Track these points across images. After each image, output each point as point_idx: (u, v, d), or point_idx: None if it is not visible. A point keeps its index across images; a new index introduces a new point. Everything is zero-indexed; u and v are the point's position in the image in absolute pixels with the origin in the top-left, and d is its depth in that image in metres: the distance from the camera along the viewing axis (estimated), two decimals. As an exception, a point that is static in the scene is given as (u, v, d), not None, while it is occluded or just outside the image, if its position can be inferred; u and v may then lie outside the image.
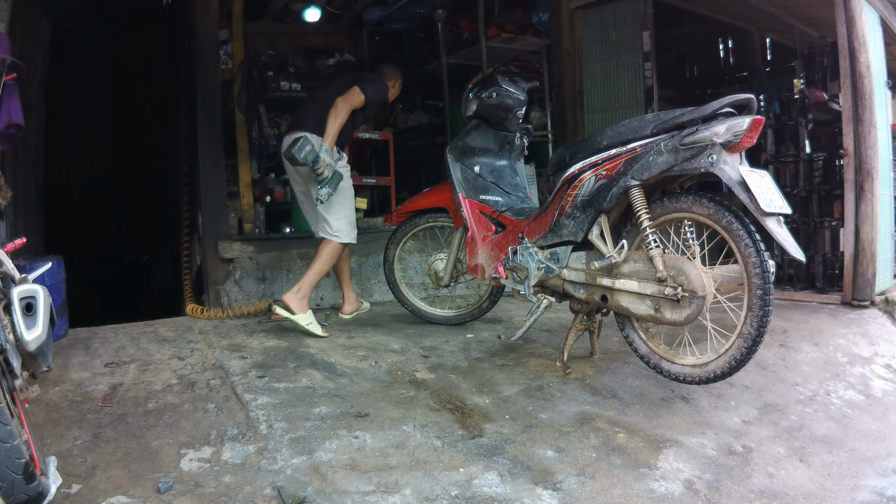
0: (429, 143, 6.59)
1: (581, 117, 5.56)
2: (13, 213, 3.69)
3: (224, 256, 4.36)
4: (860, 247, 4.04)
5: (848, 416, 2.70)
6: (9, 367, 1.67)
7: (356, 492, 1.91)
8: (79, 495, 1.86)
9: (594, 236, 2.71)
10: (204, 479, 1.96)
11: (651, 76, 5.12)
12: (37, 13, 4.47)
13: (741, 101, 2.38)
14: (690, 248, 2.48)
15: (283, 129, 5.42)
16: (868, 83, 3.98)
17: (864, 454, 2.39)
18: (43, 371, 1.95)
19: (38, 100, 4.76)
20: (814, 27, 5.61)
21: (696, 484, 2.08)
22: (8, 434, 1.45)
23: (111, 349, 3.18)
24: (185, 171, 5.33)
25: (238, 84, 4.83)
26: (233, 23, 4.87)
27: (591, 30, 5.51)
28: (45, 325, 1.76)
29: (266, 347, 3.28)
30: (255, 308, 4.02)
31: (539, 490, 1.97)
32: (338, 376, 2.86)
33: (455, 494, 1.91)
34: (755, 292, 2.24)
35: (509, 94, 3.24)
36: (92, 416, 2.39)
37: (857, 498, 2.10)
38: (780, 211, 2.26)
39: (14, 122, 2.90)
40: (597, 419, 2.47)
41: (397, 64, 4.50)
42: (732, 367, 2.34)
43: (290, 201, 5.10)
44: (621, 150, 2.59)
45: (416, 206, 3.69)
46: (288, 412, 2.43)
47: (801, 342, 3.43)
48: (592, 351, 3.11)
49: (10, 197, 3.14)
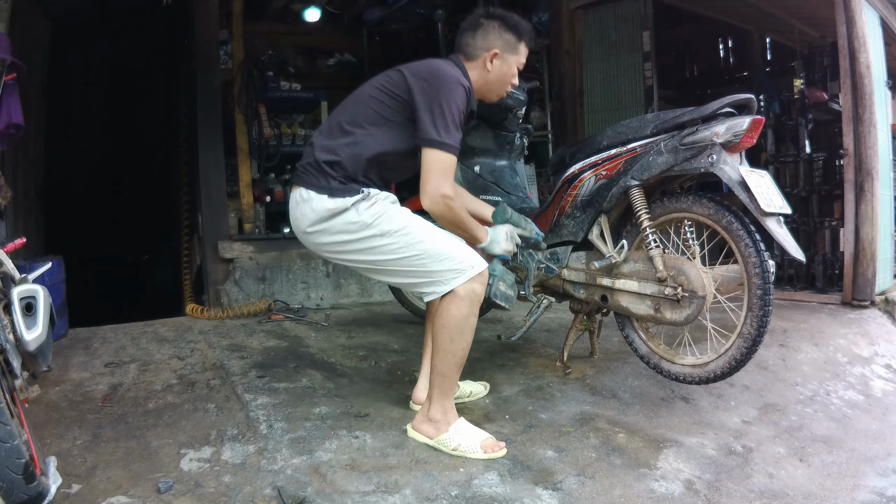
0: (429, 143, 6.58)
1: (581, 117, 5.57)
2: (13, 213, 3.69)
3: (224, 256, 4.36)
4: (860, 247, 4.04)
5: (848, 416, 2.70)
6: (9, 367, 1.67)
7: (356, 492, 1.91)
8: (79, 495, 1.86)
9: (594, 236, 2.71)
10: (204, 479, 1.95)
11: (651, 76, 5.12)
12: (37, 13, 4.47)
13: (741, 101, 2.38)
14: (690, 248, 2.48)
15: (290, 132, 5.43)
16: (868, 83, 3.98)
17: (864, 454, 2.39)
18: (43, 371, 1.95)
19: (38, 100, 4.76)
20: (814, 27, 5.61)
21: (696, 484, 2.08)
22: (8, 434, 1.45)
23: (111, 349, 3.18)
24: (185, 171, 5.34)
25: (238, 84, 4.83)
26: (233, 23, 4.87)
27: (592, 30, 5.51)
28: (45, 325, 1.75)
29: (266, 347, 3.28)
30: (255, 308, 4.03)
31: (539, 490, 1.97)
32: (338, 376, 2.86)
33: (455, 494, 1.91)
34: (755, 292, 2.24)
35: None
36: (92, 416, 2.39)
37: (857, 498, 2.10)
38: (780, 211, 2.26)
39: (14, 122, 2.90)
40: (597, 419, 2.47)
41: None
42: (732, 367, 2.34)
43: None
44: (621, 150, 2.59)
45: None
46: (288, 412, 2.43)
47: (801, 342, 3.43)
48: (592, 351, 3.11)
49: (10, 197, 3.14)
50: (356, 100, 2.27)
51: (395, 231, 2.13)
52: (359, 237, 2.14)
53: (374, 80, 2.27)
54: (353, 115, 2.22)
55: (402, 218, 2.17)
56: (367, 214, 2.12)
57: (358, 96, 2.28)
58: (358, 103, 2.25)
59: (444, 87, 2.12)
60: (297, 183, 2.24)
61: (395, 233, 2.13)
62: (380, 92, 2.21)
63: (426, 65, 2.22)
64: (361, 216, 2.12)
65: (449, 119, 2.10)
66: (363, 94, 2.26)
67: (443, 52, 5.68)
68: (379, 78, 2.27)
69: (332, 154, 2.17)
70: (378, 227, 2.12)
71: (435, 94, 2.11)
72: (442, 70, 2.17)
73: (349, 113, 2.24)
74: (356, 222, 2.12)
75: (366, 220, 2.12)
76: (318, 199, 2.14)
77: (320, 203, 2.14)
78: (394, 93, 2.19)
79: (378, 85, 2.23)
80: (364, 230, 2.13)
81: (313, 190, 2.16)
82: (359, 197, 2.13)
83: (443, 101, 2.10)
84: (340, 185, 2.14)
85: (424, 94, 2.12)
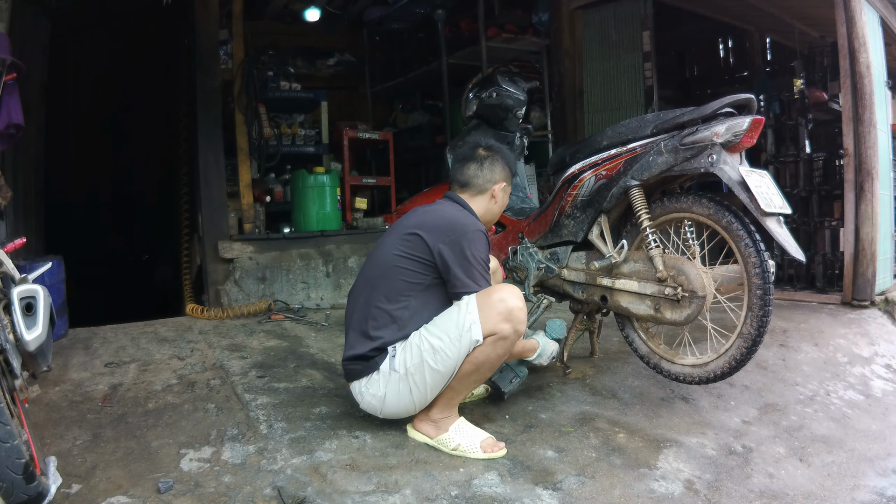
0: (429, 143, 6.60)
1: (581, 117, 5.57)
2: (13, 213, 3.69)
3: (224, 256, 4.36)
4: (860, 247, 4.04)
5: (848, 416, 2.70)
6: (9, 367, 1.67)
7: (356, 492, 1.91)
8: (79, 495, 1.86)
9: (594, 236, 2.71)
10: (204, 479, 1.95)
11: (651, 76, 5.12)
12: (37, 13, 4.47)
13: (741, 101, 2.38)
14: (690, 248, 2.48)
15: (290, 131, 5.43)
16: (868, 83, 3.98)
17: (864, 454, 2.39)
18: (43, 371, 1.95)
19: (38, 100, 4.76)
20: (814, 27, 5.61)
21: (696, 484, 2.08)
22: (8, 434, 1.45)
23: (111, 349, 3.18)
24: (185, 171, 5.33)
25: (238, 84, 4.83)
26: (233, 23, 4.87)
27: (591, 30, 5.51)
28: (45, 325, 1.76)
29: (266, 347, 3.28)
30: (255, 308, 4.03)
31: (539, 490, 1.97)
32: (338, 376, 2.86)
33: (455, 494, 1.91)
34: (755, 292, 2.24)
35: (509, 94, 3.25)
36: (92, 416, 2.39)
37: (857, 498, 2.10)
38: (780, 211, 2.26)
39: (14, 122, 2.90)
40: (597, 419, 2.47)
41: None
42: (732, 367, 2.34)
43: (289, 201, 5.11)
44: (621, 150, 2.59)
45: (416, 206, 3.69)
46: (288, 412, 2.43)
47: (801, 342, 3.43)
48: (592, 351, 3.11)
49: (10, 197, 3.14)
50: (382, 275, 2.22)
51: (414, 364, 2.15)
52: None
53: (391, 246, 2.23)
54: (387, 291, 2.20)
55: (414, 353, 2.16)
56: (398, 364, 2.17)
57: (383, 271, 2.23)
58: (385, 278, 2.21)
59: (466, 238, 2.16)
60: (351, 379, 2.26)
61: (415, 365, 2.15)
62: (404, 259, 2.20)
63: (438, 219, 2.23)
64: (395, 368, 2.17)
65: (478, 270, 2.16)
66: (386, 265, 2.22)
67: (443, 52, 5.72)
68: (395, 243, 2.23)
69: (379, 340, 2.18)
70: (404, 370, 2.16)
71: (460, 248, 2.15)
72: (458, 221, 2.22)
73: (381, 292, 2.20)
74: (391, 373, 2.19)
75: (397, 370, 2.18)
76: (374, 382, 2.20)
77: (373, 385, 2.21)
78: (418, 257, 2.19)
79: (399, 252, 2.21)
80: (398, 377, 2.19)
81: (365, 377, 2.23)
82: (389, 357, 2.19)
83: (468, 253, 2.15)
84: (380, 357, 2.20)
85: (451, 249, 2.15)
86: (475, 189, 2.39)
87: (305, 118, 5.85)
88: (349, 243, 4.80)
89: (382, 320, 2.18)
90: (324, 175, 4.85)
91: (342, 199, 5.06)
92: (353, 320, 2.26)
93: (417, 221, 2.25)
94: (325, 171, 4.97)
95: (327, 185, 4.80)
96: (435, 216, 2.26)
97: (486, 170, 2.39)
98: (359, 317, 2.24)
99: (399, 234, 2.25)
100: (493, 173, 2.40)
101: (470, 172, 2.40)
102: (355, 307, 2.27)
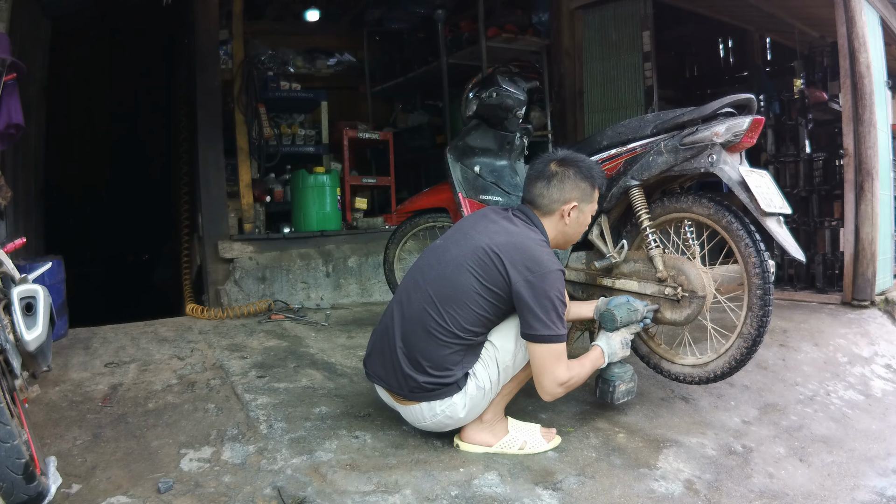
0: (429, 143, 6.60)
1: (581, 117, 5.57)
2: (13, 213, 3.69)
3: (224, 256, 4.36)
4: (860, 247, 4.04)
5: (848, 416, 2.70)
6: (9, 367, 1.67)
7: (356, 492, 1.91)
8: (79, 495, 1.86)
9: (594, 236, 2.71)
10: (204, 479, 1.95)
11: (651, 76, 5.12)
12: (37, 13, 4.47)
13: (741, 101, 2.38)
14: (690, 248, 2.48)
15: (290, 131, 5.43)
16: (868, 83, 3.98)
17: (864, 454, 2.39)
18: (43, 371, 1.95)
19: (38, 100, 4.76)
20: (814, 27, 5.61)
21: (696, 484, 2.08)
22: (8, 434, 1.45)
23: (111, 349, 3.19)
24: (185, 171, 5.34)
25: (238, 84, 4.83)
26: (233, 23, 4.88)
27: (591, 30, 5.51)
28: (45, 325, 1.76)
29: (266, 347, 3.28)
30: (255, 308, 4.03)
31: (539, 490, 1.97)
32: (338, 376, 2.86)
33: (455, 494, 1.91)
34: (755, 292, 2.24)
35: (509, 94, 3.24)
36: (92, 416, 2.39)
37: (857, 498, 2.10)
38: (780, 211, 2.26)
39: (14, 122, 2.90)
40: (597, 419, 2.48)
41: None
42: (732, 367, 2.34)
43: (289, 201, 5.11)
44: (621, 150, 2.59)
45: (417, 206, 3.69)
46: (288, 412, 2.43)
47: (801, 342, 3.43)
48: (592, 351, 3.11)
49: (10, 197, 3.14)
50: (455, 299, 2.08)
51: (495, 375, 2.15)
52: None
53: (464, 260, 2.09)
54: (463, 318, 2.07)
55: (490, 365, 2.14)
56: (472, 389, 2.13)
57: (455, 293, 2.08)
58: (457, 303, 2.07)
59: (547, 278, 2.04)
60: (412, 400, 2.16)
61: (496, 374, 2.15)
62: (479, 285, 2.06)
63: (523, 251, 2.07)
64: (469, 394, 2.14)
65: (554, 312, 2.04)
66: (459, 287, 2.08)
67: (443, 52, 5.72)
68: (468, 259, 2.08)
69: (459, 367, 2.10)
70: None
71: (542, 287, 2.03)
72: (542, 258, 2.06)
73: (454, 315, 2.07)
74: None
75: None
76: (451, 405, 2.13)
77: (452, 407, 2.14)
78: (495, 291, 2.07)
79: (474, 273, 2.07)
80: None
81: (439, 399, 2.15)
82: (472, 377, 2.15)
83: (550, 294, 2.03)
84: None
85: (531, 288, 2.03)
86: (542, 209, 2.21)
87: (305, 118, 5.85)
88: (349, 243, 4.81)
89: (456, 347, 2.08)
90: (324, 175, 4.86)
91: (342, 199, 5.06)
92: (414, 336, 2.10)
93: (495, 241, 2.09)
94: (325, 171, 4.98)
95: (327, 185, 4.81)
96: (514, 240, 2.10)
97: (553, 189, 2.18)
98: (422, 336, 2.09)
99: (473, 247, 2.10)
100: (561, 192, 2.18)
101: (536, 191, 2.21)
102: (415, 322, 2.11)
